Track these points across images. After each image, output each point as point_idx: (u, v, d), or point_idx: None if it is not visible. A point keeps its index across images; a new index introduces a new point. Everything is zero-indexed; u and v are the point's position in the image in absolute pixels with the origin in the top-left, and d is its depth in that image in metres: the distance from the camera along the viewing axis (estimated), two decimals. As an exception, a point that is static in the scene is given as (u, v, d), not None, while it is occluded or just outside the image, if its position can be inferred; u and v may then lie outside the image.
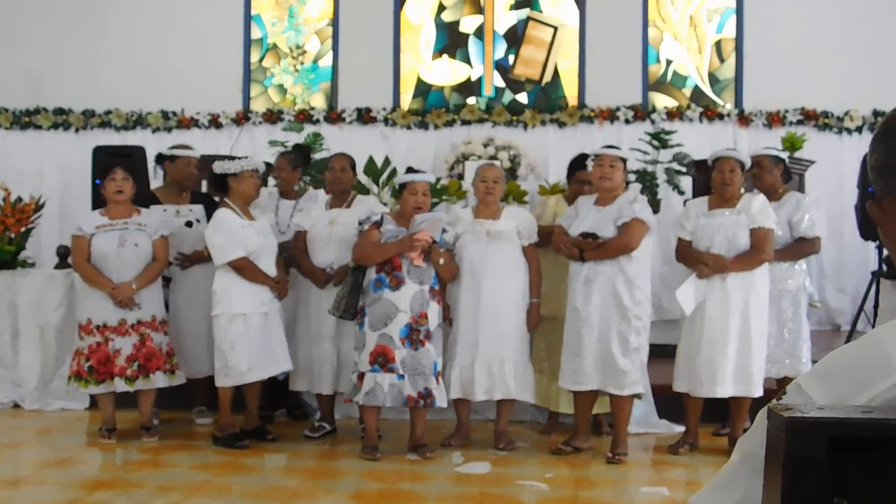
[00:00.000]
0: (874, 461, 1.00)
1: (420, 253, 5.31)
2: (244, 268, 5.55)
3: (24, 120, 10.06)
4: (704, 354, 5.34)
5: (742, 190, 5.53)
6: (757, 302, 5.39)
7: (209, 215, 5.95)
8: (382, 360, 5.28)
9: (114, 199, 5.72)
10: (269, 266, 5.66)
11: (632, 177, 7.69)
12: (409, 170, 5.75)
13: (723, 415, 5.66)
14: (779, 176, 5.83)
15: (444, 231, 5.51)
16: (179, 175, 6.31)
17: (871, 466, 1.00)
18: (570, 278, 5.45)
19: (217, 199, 5.92)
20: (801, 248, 5.79)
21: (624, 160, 5.48)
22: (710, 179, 5.65)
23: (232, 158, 5.84)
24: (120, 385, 5.63)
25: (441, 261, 5.37)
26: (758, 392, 5.38)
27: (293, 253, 5.93)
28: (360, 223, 5.54)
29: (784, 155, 6.05)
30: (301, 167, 6.60)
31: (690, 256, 5.46)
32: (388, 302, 5.31)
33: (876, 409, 1.05)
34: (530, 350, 5.72)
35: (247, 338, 5.54)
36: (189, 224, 6.15)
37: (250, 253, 5.56)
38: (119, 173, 5.71)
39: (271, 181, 6.75)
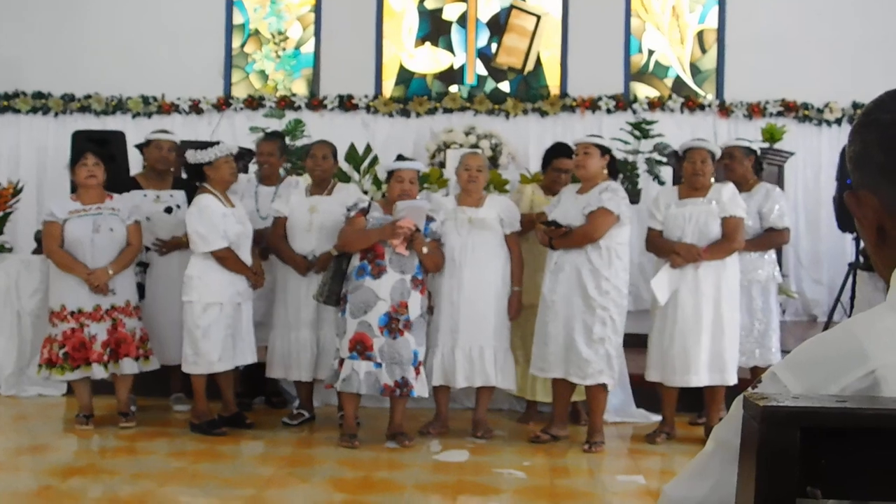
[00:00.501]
0: (847, 450, 1.00)
1: (402, 241, 5.29)
2: (227, 258, 5.51)
3: (3, 104, 9.96)
4: (678, 343, 5.35)
5: (712, 180, 5.54)
6: (728, 290, 5.41)
7: (191, 201, 5.89)
8: (360, 347, 5.27)
9: (85, 185, 5.65)
10: (245, 254, 5.63)
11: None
12: (399, 157, 5.73)
13: (699, 404, 5.68)
14: (750, 167, 5.86)
15: (431, 220, 5.49)
16: (152, 159, 6.27)
17: (843, 455, 1.00)
18: (545, 266, 5.47)
19: (197, 184, 5.87)
20: (770, 238, 5.81)
21: (601, 147, 5.45)
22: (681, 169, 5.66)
23: (207, 145, 5.77)
24: (98, 371, 5.59)
25: (425, 249, 5.35)
26: (732, 380, 5.40)
27: (272, 240, 5.89)
28: (348, 209, 5.52)
29: (756, 146, 6.05)
30: (285, 154, 6.58)
31: (662, 246, 5.46)
32: (368, 290, 5.30)
33: (849, 399, 1.04)
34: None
35: (219, 327, 5.50)
36: (168, 210, 6.10)
37: (231, 242, 5.52)
38: (90, 158, 5.65)
39: (251, 167, 6.71)
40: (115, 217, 5.69)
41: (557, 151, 6.00)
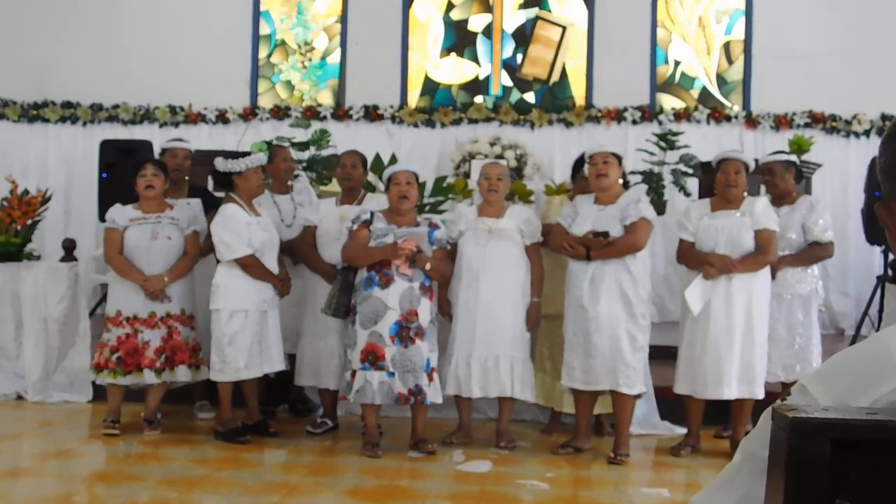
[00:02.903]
0: (877, 463, 0.99)
1: (405, 260, 5.31)
2: (251, 265, 5.54)
3: (32, 113, 10.07)
4: (710, 355, 5.31)
5: (745, 192, 5.51)
6: (759, 303, 5.39)
7: (206, 209, 5.95)
8: (372, 357, 5.27)
9: (145, 195, 5.72)
10: (271, 262, 5.66)
11: (638, 177, 7.70)
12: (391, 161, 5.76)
13: (724, 417, 5.64)
14: (791, 180, 5.82)
15: (436, 227, 5.50)
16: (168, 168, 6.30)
17: (873, 468, 0.99)
18: (570, 276, 5.43)
19: (221, 194, 5.91)
20: (814, 252, 5.77)
21: (618, 157, 5.46)
22: (713, 181, 5.62)
23: (235, 154, 5.81)
24: (150, 377, 5.63)
25: (427, 266, 5.35)
26: (760, 394, 5.36)
27: (301, 248, 5.91)
28: (352, 221, 5.52)
29: (794, 158, 6.01)
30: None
31: (695, 257, 5.43)
32: (377, 300, 5.31)
33: (880, 411, 1.03)
34: (532, 349, 5.70)
35: (245, 334, 5.53)
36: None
37: (255, 250, 5.56)
38: (149, 169, 5.73)
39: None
40: (174, 226, 5.76)
41: (585, 162, 5.99)
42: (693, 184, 7.70)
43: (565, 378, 5.45)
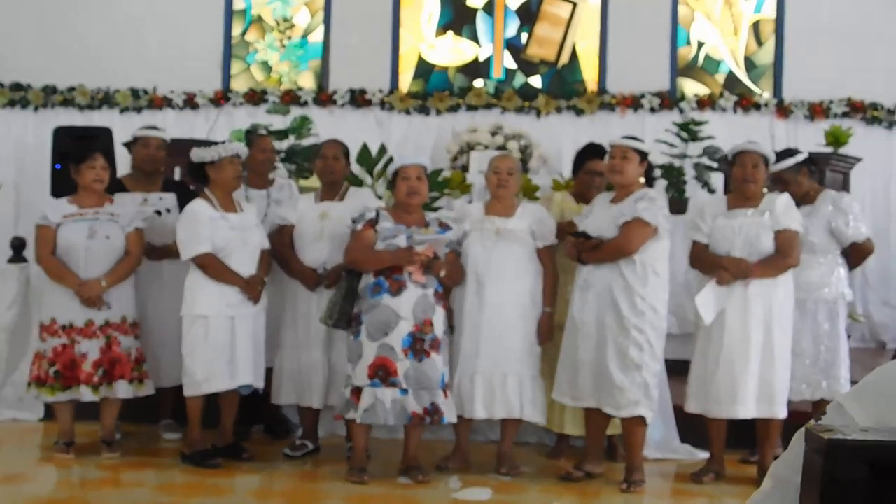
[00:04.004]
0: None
1: (419, 267, 5.30)
2: (208, 265, 5.54)
3: (-23, 96, 10.05)
4: (723, 370, 5.32)
5: (765, 189, 5.52)
6: (780, 312, 5.39)
7: (181, 205, 5.94)
8: (383, 373, 5.23)
9: (91, 188, 5.69)
10: (241, 263, 5.62)
11: (656, 172, 7.72)
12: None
13: (750, 441, 5.66)
14: (806, 181, 5.82)
15: (447, 228, 5.51)
16: (139, 158, 6.32)
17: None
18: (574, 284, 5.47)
19: (194, 188, 5.91)
20: (856, 254, 5.90)
21: (641, 152, 5.45)
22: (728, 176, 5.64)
23: (209, 143, 5.81)
24: (86, 394, 5.60)
25: (442, 273, 5.36)
26: (781, 413, 5.38)
27: (278, 250, 5.91)
28: (354, 221, 5.50)
29: (803, 152, 5.95)
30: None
31: (708, 261, 5.44)
32: (387, 308, 5.29)
33: (925, 432, 1.05)
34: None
35: (206, 343, 5.52)
36: (158, 213, 6.15)
37: (219, 249, 5.54)
38: (100, 160, 5.70)
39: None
40: (114, 223, 5.72)
41: (590, 152, 5.99)
42: (718, 179, 7.72)
43: (555, 391, 5.49)
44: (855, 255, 5.90)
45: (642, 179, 5.50)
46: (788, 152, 5.94)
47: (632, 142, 5.47)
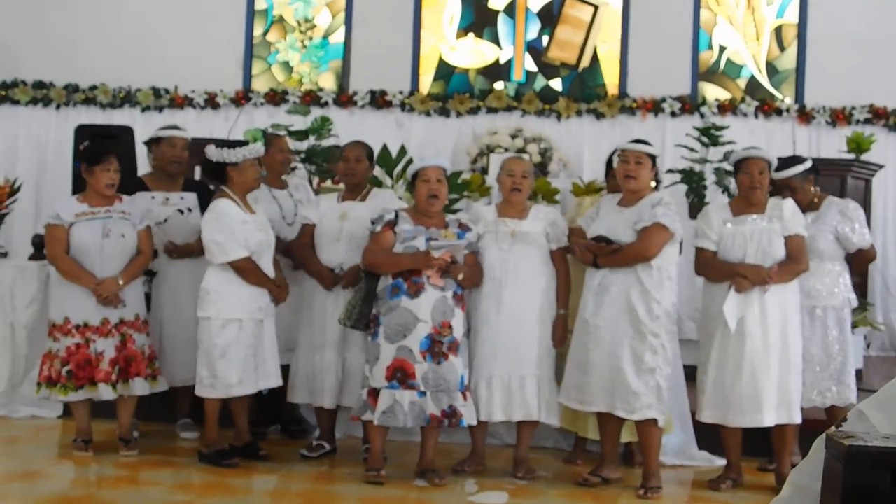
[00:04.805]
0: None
1: (437, 270, 5.31)
2: (247, 269, 5.54)
3: (0, 94, 10.13)
4: (746, 379, 5.29)
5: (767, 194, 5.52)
6: (793, 318, 5.40)
7: (202, 204, 5.96)
8: (401, 375, 5.24)
9: (103, 193, 5.71)
10: (267, 265, 5.67)
11: (676, 177, 7.70)
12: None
13: (766, 448, 5.63)
14: (811, 188, 5.80)
15: (467, 229, 5.51)
16: (162, 159, 6.34)
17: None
18: (584, 286, 5.45)
19: (213, 187, 5.93)
20: (861, 260, 5.94)
21: (653, 157, 5.46)
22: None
23: (229, 143, 5.82)
24: (105, 392, 5.62)
25: (460, 276, 5.36)
26: (798, 419, 5.38)
27: (298, 249, 5.93)
28: (373, 222, 5.51)
29: (808, 159, 5.94)
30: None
31: (721, 269, 5.40)
32: (406, 311, 5.30)
33: (947, 441, 1.04)
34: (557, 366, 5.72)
35: (239, 346, 5.53)
36: (180, 212, 6.18)
37: (252, 252, 5.56)
38: (114, 163, 5.71)
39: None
40: (126, 221, 5.74)
41: None
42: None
43: (562, 394, 5.48)
44: (859, 261, 5.96)
45: (653, 183, 5.51)
46: (795, 159, 5.92)
47: (644, 146, 5.49)
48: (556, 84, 9.98)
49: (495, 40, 10.08)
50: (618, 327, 5.27)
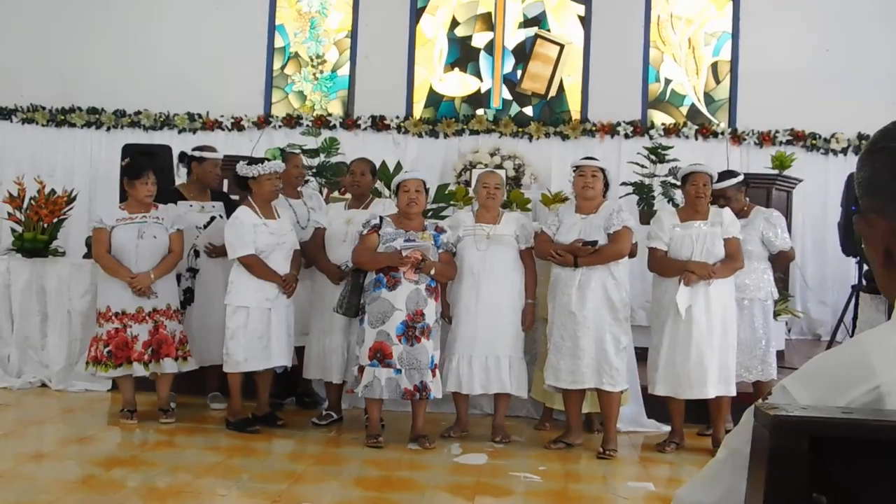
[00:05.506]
0: (853, 460, 1.00)
1: (410, 267, 5.32)
2: (251, 264, 5.55)
3: (59, 118, 10.11)
4: (693, 358, 5.31)
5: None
6: (732, 306, 5.45)
7: (228, 212, 5.96)
8: (380, 355, 5.27)
9: (143, 202, 5.72)
10: (279, 263, 5.64)
11: (629, 189, 7.71)
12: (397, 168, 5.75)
13: (704, 416, 5.64)
14: (742, 197, 5.83)
15: (442, 231, 5.51)
16: (206, 176, 6.32)
17: (850, 465, 1.00)
18: (557, 282, 5.41)
19: (237, 198, 5.92)
20: (782, 260, 6.01)
21: (603, 170, 5.51)
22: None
23: (254, 160, 5.81)
24: (138, 369, 5.63)
25: (432, 272, 5.36)
26: (734, 391, 5.41)
27: (311, 249, 5.93)
28: (363, 226, 5.53)
29: (740, 173, 5.95)
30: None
31: (672, 265, 5.41)
32: (385, 301, 5.31)
33: (855, 411, 1.04)
34: (534, 348, 5.72)
35: (246, 330, 5.54)
36: (212, 218, 6.19)
37: (259, 251, 5.56)
38: (151, 177, 5.72)
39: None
40: (159, 225, 5.75)
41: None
42: (680, 195, 7.69)
43: (551, 378, 5.42)
44: (781, 260, 6.02)
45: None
46: (730, 173, 5.93)
47: (597, 162, 5.56)
48: (529, 110, 9.98)
49: (477, 74, 10.07)
50: (600, 315, 5.31)
